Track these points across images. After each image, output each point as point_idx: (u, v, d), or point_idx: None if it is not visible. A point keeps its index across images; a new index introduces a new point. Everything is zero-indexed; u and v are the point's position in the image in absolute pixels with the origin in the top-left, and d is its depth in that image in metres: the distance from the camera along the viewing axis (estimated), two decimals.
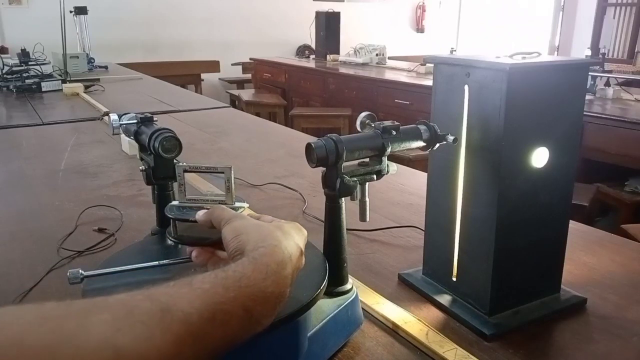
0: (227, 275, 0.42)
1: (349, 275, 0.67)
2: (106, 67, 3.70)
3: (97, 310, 0.35)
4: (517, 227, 0.67)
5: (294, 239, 0.51)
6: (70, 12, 3.79)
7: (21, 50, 2.97)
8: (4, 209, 1.11)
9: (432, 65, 0.72)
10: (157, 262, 0.57)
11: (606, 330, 0.67)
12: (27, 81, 2.63)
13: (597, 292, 0.76)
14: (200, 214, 0.55)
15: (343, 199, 0.63)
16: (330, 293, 0.63)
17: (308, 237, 0.55)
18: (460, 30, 7.98)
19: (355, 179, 0.62)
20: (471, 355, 0.61)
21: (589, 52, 4.44)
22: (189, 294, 0.39)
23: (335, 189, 0.60)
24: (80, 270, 0.54)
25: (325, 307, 0.61)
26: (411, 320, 0.68)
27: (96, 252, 0.89)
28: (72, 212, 1.04)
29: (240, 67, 6.15)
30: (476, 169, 0.67)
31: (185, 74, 5.62)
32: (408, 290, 0.77)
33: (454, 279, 0.73)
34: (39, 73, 2.73)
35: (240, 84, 6.16)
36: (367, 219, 0.65)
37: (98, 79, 2.97)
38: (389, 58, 4.93)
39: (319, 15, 5.21)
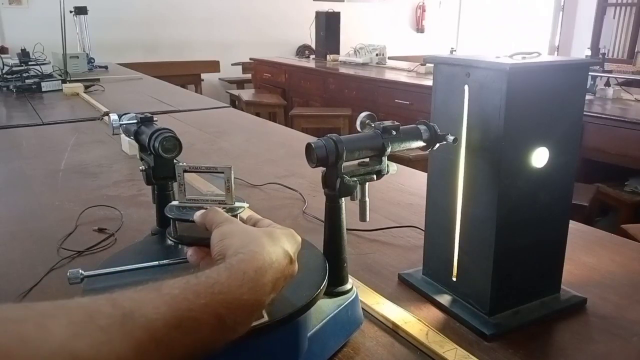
0: (200, 282, 0.41)
1: (349, 275, 0.67)
2: (106, 67, 3.70)
3: (56, 314, 0.35)
4: (517, 227, 0.67)
5: (284, 246, 0.50)
6: (70, 12, 3.79)
7: (21, 50, 2.97)
8: (4, 209, 1.11)
9: (432, 65, 0.72)
10: (157, 262, 0.57)
11: (606, 330, 0.67)
12: (27, 81, 2.63)
13: (597, 292, 0.76)
14: (197, 215, 0.55)
15: (343, 199, 0.63)
16: (330, 293, 0.63)
17: (308, 237, 0.55)
18: (460, 30, 7.98)
19: (355, 179, 0.62)
20: (471, 355, 0.61)
21: (589, 52, 4.44)
22: (156, 299, 0.38)
23: (335, 189, 0.60)
24: (80, 270, 0.54)
25: (325, 307, 0.61)
26: (411, 320, 0.68)
27: (96, 252, 0.89)
28: (72, 212, 1.04)
29: (240, 67, 6.14)
30: (476, 169, 0.67)
31: (185, 74, 5.61)
32: (408, 290, 0.77)
33: (454, 279, 0.73)
34: (39, 73, 2.73)
35: (240, 84, 6.16)
36: (367, 219, 0.65)
37: (98, 79, 2.97)
38: (389, 58, 4.93)
39: (319, 15, 5.21)
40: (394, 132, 0.63)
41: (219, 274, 0.43)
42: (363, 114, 0.66)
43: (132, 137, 0.77)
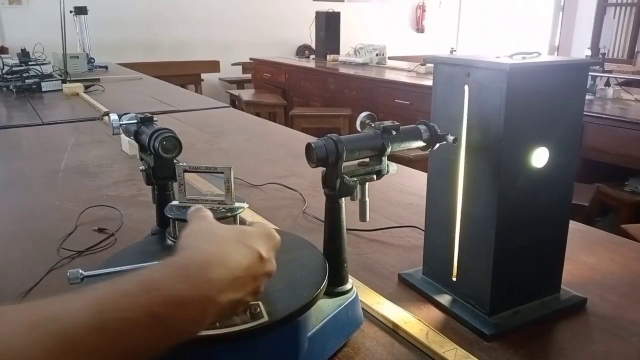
0: (130, 280, 0.39)
1: (349, 275, 0.67)
2: (106, 67, 3.70)
3: None
4: (517, 227, 0.67)
5: (252, 244, 0.47)
6: (70, 12, 3.78)
7: (21, 50, 2.97)
8: (4, 209, 1.11)
9: (432, 65, 0.72)
10: (157, 262, 0.57)
11: (606, 330, 0.67)
12: (27, 81, 2.63)
13: (597, 292, 0.76)
14: (187, 214, 0.55)
15: (343, 199, 0.63)
16: (330, 293, 0.63)
17: (308, 237, 0.55)
18: (460, 30, 7.98)
19: (355, 179, 0.62)
20: (471, 355, 0.61)
21: (589, 52, 4.43)
22: (76, 303, 0.36)
23: (335, 189, 0.60)
24: (80, 270, 0.54)
25: (325, 307, 0.61)
26: (411, 320, 0.68)
27: (96, 252, 0.89)
28: (72, 212, 1.04)
29: (240, 67, 6.14)
30: (476, 169, 0.67)
31: (185, 74, 5.61)
32: (408, 290, 0.77)
33: (454, 279, 0.73)
34: (39, 73, 2.73)
35: (240, 84, 6.16)
36: (367, 219, 0.65)
37: (98, 79, 2.96)
38: (389, 58, 4.93)
39: (319, 15, 5.21)
40: (394, 132, 0.63)
41: (152, 271, 0.41)
42: (363, 114, 0.66)
43: (132, 137, 0.77)
